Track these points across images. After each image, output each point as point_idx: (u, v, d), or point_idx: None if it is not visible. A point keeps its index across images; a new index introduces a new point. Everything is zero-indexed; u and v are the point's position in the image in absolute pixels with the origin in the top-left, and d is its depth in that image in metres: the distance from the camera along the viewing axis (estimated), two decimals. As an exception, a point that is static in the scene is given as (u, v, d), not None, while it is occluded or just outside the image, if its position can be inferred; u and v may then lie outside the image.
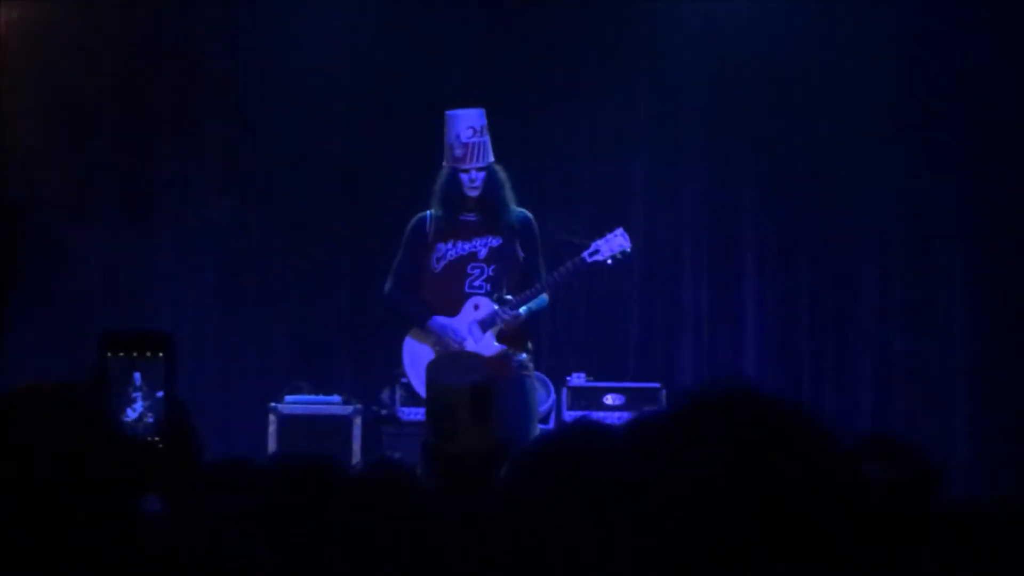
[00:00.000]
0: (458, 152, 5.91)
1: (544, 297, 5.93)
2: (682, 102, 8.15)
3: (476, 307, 5.90)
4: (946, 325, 8.00)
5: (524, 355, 5.91)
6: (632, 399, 7.39)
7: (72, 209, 7.96)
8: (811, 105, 8.04)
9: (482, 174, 5.90)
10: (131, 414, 1.94)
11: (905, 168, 8.01)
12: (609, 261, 5.95)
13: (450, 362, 3.65)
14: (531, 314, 5.91)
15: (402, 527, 2.51)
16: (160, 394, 1.97)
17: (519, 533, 2.04)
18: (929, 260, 8.03)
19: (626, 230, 6.08)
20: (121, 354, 1.95)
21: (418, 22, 8.00)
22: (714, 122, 8.15)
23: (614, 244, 5.94)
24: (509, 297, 5.83)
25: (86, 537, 1.68)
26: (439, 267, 5.93)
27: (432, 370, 3.45)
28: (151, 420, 1.95)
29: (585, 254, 5.92)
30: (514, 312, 5.79)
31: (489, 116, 6.01)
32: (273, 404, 7.20)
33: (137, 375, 1.96)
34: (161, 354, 1.96)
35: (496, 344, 5.84)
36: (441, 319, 5.89)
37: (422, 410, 5.89)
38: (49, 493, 1.66)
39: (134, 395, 1.96)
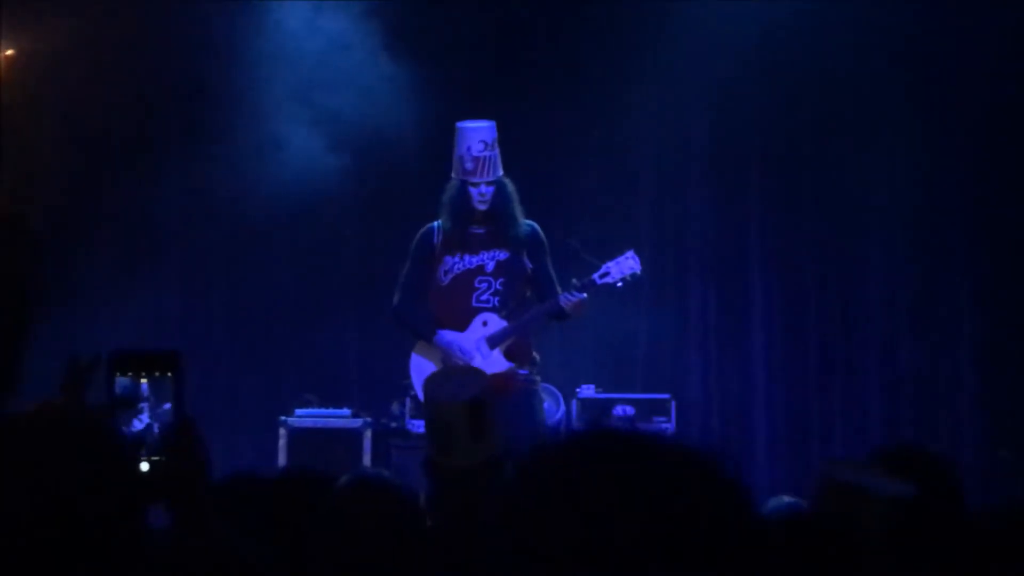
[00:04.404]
0: (469, 165, 5.90)
1: None
2: (689, 112, 8.15)
3: (485, 323, 5.87)
4: (953, 333, 7.99)
5: (530, 369, 5.90)
6: (642, 410, 7.38)
7: (82, 228, 7.98)
8: (817, 113, 8.04)
9: (492, 188, 5.88)
10: (137, 424, 1.94)
11: (910, 177, 8.00)
12: (619, 284, 5.95)
13: (446, 378, 3.64)
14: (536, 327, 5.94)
15: (382, 539, 2.50)
16: (167, 408, 1.97)
17: (515, 543, 2.03)
18: (936, 268, 8.02)
19: (633, 241, 6.10)
20: (130, 374, 1.95)
21: (424, 33, 7.99)
22: (721, 131, 8.15)
23: (625, 267, 5.94)
24: (575, 281, 5.83)
25: (92, 556, 1.68)
26: (446, 280, 5.91)
27: (429, 387, 3.44)
28: (158, 436, 1.95)
29: (596, 276, 5.91)
30: (579, 295, 5.78)
31: (496, 128, 6.01)
32: (283, 418, 7.20)
33: (144, 386, 1.96)
34: (170, 374, 1.96)
35: (505, 361, 5.83)
36: (448, 335, 5.87)
37: (428, 423, 5.90)
38: (55, 512, 1.66)
39: (141, 406, 1.96)
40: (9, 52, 7.76)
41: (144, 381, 1.96)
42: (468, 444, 3.21)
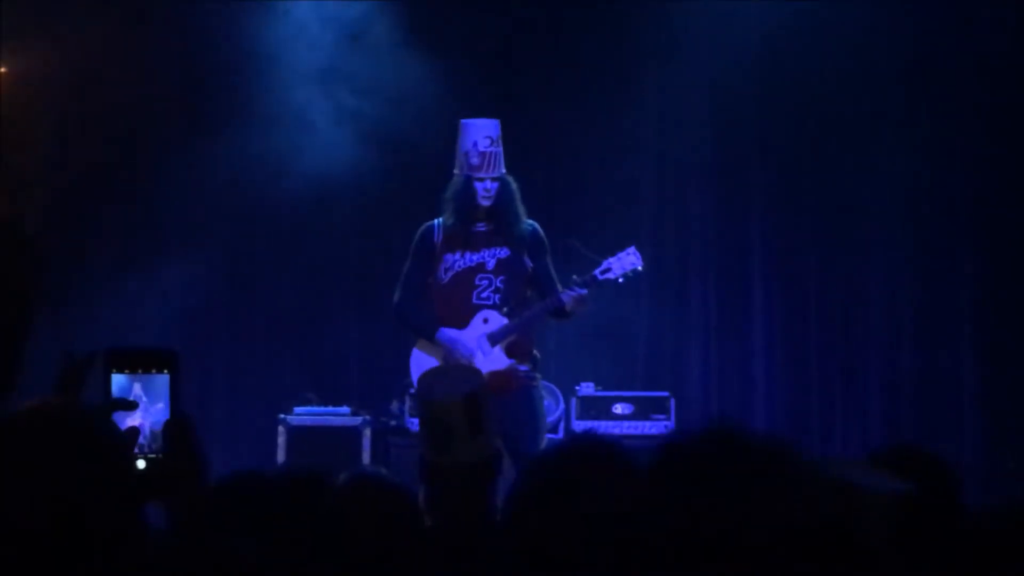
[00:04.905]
0: (474, 161, 5.88)
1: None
2: (691, 112, 8.14)
3: (486, 320, 5.87)
4: (953, 333, 7.98)
5: (531, 366, 5.90)
6: (641, 408, 7.38)
7: (82, 226, 7.98)
8: (820, 111, 8.04)
9: (496, 184, 5.88)
10: (131, 421, 1.94)
11: (911, 176, 7.99)
12: (620, 279, 5.94)
13: (440, 376, 3.62)
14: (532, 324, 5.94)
15: (382, 538, 2.50)
16: (163, 407, 1.96)
17: (520, 543, 2.03)
18: (936, 268, 8.01)
19: (634, 239, 6.10)
20: (126, 371, 1.95)
21: (424, 33, 7.98)
22: (722, 131, 8.15)
23: (626, 263, 5.93)
24: (576, 277, 5.82)
25: (90, 555, 1.68)
26: (447, 277, 5.90)
27: (423, 385, 3.42)
28: (152, 434, 1.94)
29: (597, 272, 5.90)
30: (580, 290, 5.78)
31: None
32: (282, 416, 7.20)
33: (138, 386, 1.95)
34: (166, 371, 1.96)
35: (506, 358, 5.83)
36: (450, 332, 5.86)
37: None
38: (53, 511, 1.66)
39: (138, 404, 1.96)
40: (2, 70, 7.78)
41: (137, 384, 1.96)
42: (464, 442, 3.20)
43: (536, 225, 5.98)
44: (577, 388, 7.44)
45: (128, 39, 7.93)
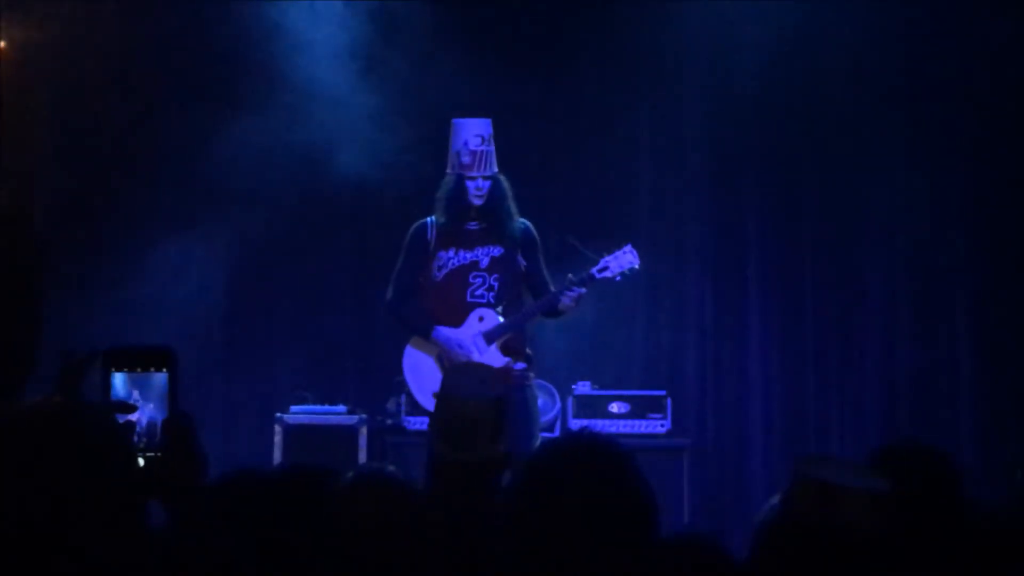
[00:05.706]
0: (466, 159, 5.92)
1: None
2: (687, 110, 8.14)
3: (481, 319, 5.89)
4: (953, 331, 7.98)
5: (524, 364, 5.92)
6: (637, 407, 7.37)
7: (78, 224, 7.96)
8: (817, 112, 8.04)
9: (488, 183, 5.91)
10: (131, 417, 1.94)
11: (910, 175, 7.99)
12: (618, 278, 5.97)
13: (466, 373, 3.65)
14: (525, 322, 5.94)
15: (390, 536, 2.50)
16: (155, 407, 1.96)
17: (517, 542, 2.03)
18: (935, 268, 8.01)
19: (631, 238, 6.12)
20: (125, 369, 1.95)
21: (422, 29, 7.98)
22: (719, 130, 8.14)
23: (623, 261, 5.96)
24: (572, 276, 5.83)
25: (91, 554, 1.68)
26: (440, 275, 5.92)
27: (450, 382, 3.44)
28: (150, 432, 1.95)
29: (594, 270, 5.93)
30: (579, 290, 5.80)
31: (493, 125, 6.02)
32: (279, 414, 7.20)
33: (135, 391, 1.96)
34: (164, 369, 1.96)
35: (502, 356, 5.84)
36: (445, 331, 5.88)
37: (427, 419, 5.90)
38: (53, 510, 1.66)
39: (137, 408, 1.96)
40: (1, 44, 7.75)
41: (135, 391, 1.96)
42: (486, 440, 3.22)
43: (528, 224, 6.01)
44: (574, 387, 7.44)
45: (131, 18, 7.91)
